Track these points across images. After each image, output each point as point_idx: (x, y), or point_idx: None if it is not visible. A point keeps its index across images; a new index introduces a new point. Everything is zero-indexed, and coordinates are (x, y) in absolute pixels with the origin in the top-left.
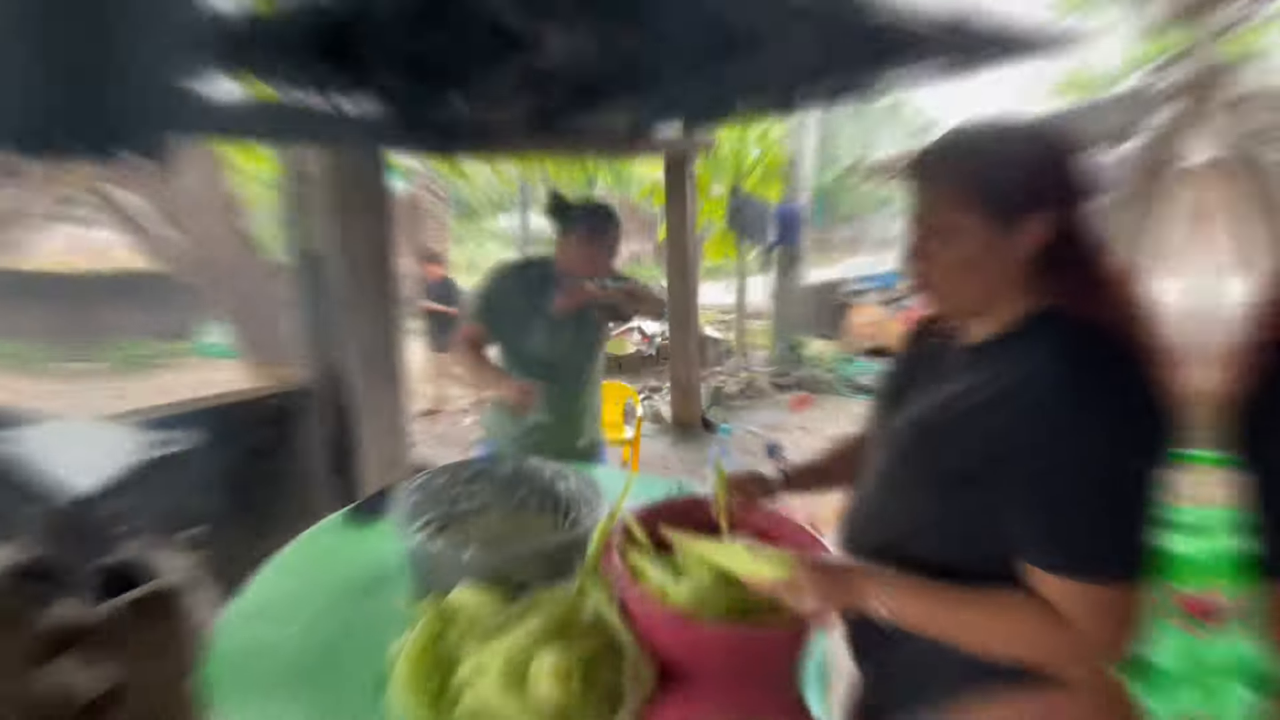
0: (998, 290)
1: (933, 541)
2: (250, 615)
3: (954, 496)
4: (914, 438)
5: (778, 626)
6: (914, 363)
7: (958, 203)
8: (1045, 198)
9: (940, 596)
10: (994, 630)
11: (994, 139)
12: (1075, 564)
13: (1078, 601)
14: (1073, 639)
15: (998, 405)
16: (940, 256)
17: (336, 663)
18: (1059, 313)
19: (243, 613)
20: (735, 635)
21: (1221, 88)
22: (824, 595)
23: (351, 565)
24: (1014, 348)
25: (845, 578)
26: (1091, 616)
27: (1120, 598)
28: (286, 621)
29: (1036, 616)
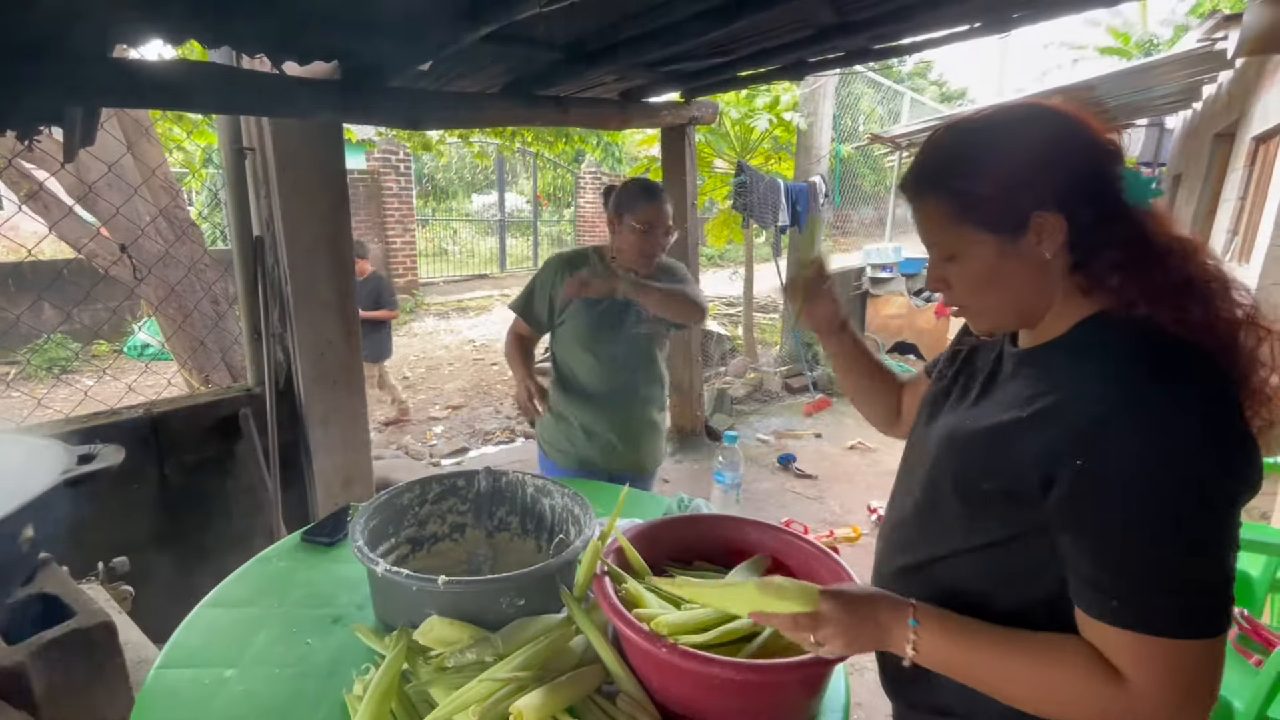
0: (1040, 299)
1: (971, 567)
2: (186, 655)
3: (998, 519)
4: (956, 450)
5: (792, 658)
6: (959, 364)
7: (953, 219)
8: (1046, 192)
9: (978, 638)
10: (1035, 682)
11: (975, 140)
12: (1139, 614)
13: (1140, 657)
14: (1129, 700)
15: (1049, 422)
16: (960, 277)
17: (287, 709)
18: (1110, 317)
19: (178, 653)
20: (747, 670)
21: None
22: (850, 637)
23: (304, 596)
24: (1062, 357)
25: (872, 613)
26: (1156, 676)
27: (1192, 656)
28: (228, 662)
29: (1086, 668)
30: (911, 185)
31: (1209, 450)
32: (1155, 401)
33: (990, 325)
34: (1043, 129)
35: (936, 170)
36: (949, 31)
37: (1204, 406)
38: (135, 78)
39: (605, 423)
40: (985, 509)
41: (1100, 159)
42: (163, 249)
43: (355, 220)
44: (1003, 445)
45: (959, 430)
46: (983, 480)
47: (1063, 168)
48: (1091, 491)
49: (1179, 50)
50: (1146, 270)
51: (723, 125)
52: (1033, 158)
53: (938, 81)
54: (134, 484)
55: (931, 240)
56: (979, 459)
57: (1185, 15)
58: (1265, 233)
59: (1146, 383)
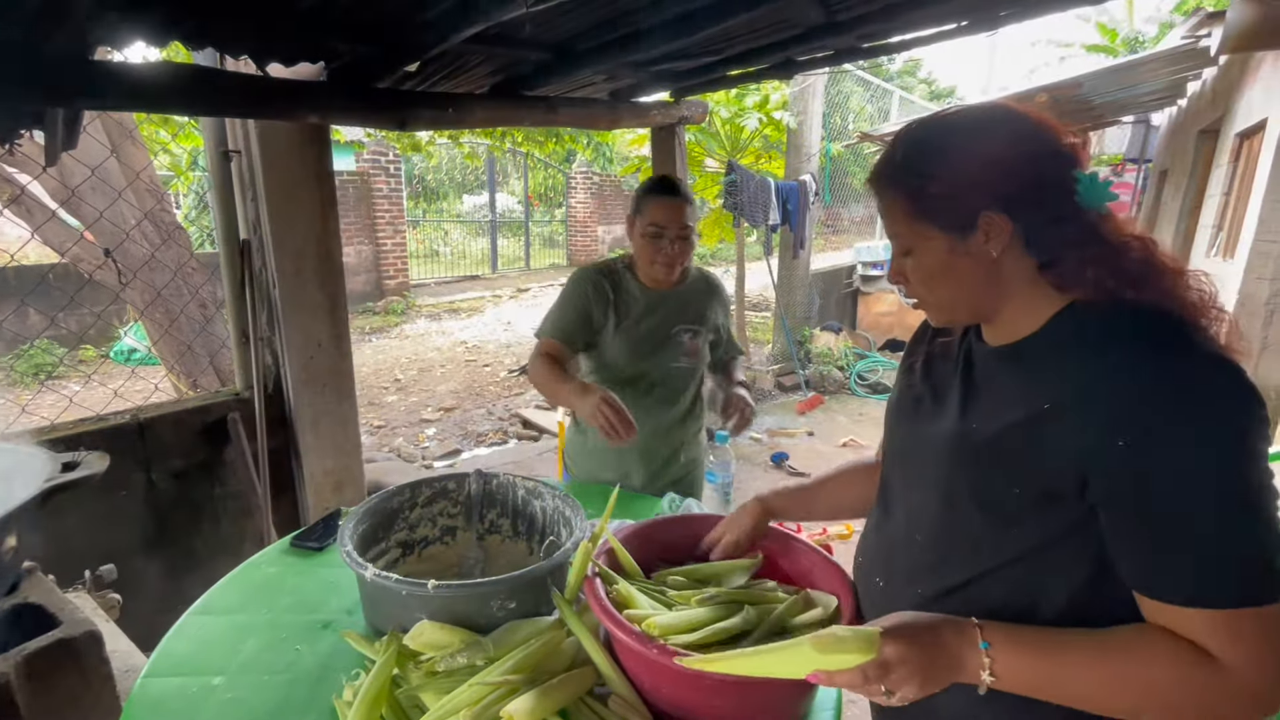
0: (992, 294)
1: (1007, 583)
2: (174, 664)
3: (1030, 526)
4: (970, 461)
5: None
6: (929, 367)
7: (907, 216)
8: (993, 194)
9: (1056, 648)
10: (1132, 683)
11: (934, 139)
12: (1220, 589)
13: (1232, 634)
14: (1230, 680)
15: (1076, 412)
16: (915, 271)
17: (275, 716)
18: (1087, 306)
19: (165, 661)
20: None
21: None
22: (925, 677)
23: (293, 602)
24: (1050, 349)
25: (938, 641)
26: (1252, 648)
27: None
28: (216, 670)
29: (1176, 656)
30: (874, 180)
31: (1241, 404)
32: (1181, 369)
33: (945, 318)
34: (997, 132)
35: (895, 167)
36: (936, 30)
37: (1221, 367)
38: (117, 80)
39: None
40: (1014, 518)
41: (1052, 163)
42: (148, 253)
43: (345, 222)
44: (1026, 446)
45: (967, 440)
46: (1011, 486)
47: (1011, 171)
48: (1144, 471)
49: (1164, 47)
50: (1116, 258)
51: (713, 124)
52: (983, 160)
53: (927, 80)
54: (121, 490)
55: (891, 232)
56: (999, 465)
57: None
58: (1249, 228)
59: (1163, 354)
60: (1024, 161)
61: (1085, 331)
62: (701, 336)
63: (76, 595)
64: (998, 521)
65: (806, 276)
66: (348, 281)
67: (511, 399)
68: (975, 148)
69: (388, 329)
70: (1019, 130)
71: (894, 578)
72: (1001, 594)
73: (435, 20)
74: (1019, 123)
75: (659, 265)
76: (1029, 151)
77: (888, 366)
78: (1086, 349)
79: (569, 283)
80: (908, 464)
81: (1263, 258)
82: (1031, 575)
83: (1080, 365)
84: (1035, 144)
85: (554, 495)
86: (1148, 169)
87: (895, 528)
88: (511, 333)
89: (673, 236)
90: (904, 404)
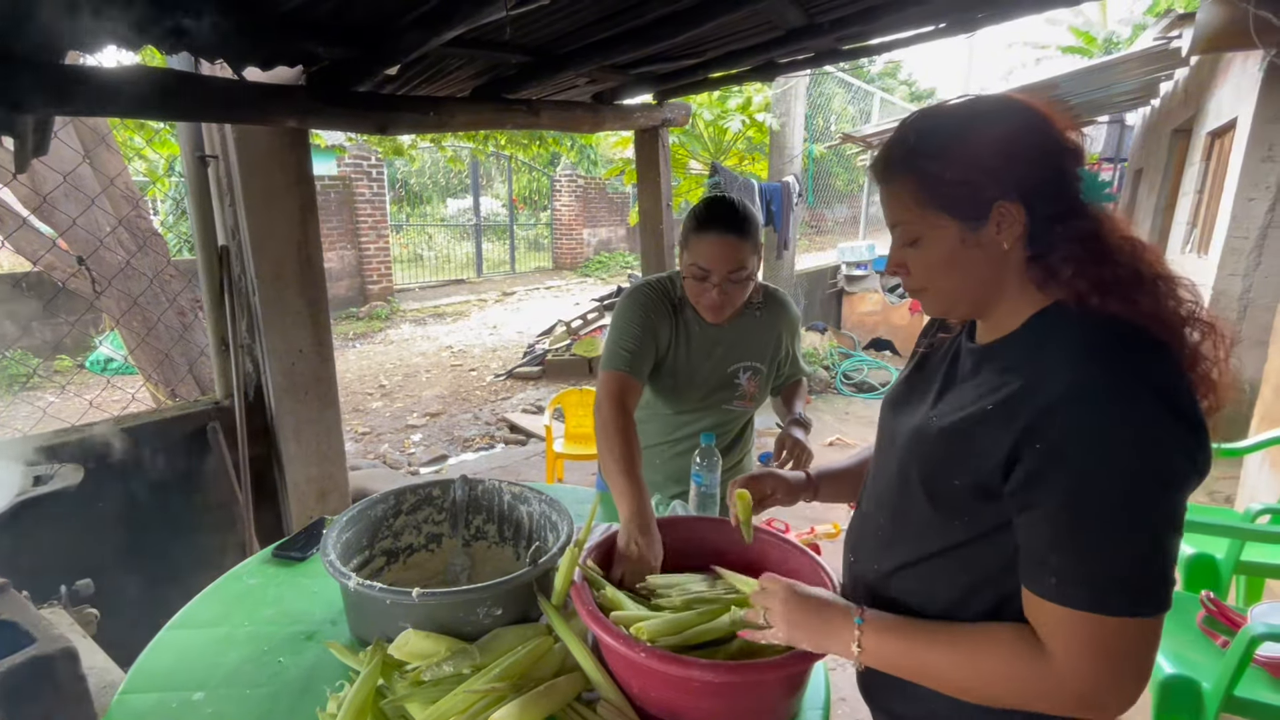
0: (993, 288)
1: (946, 570)
2: (152, 680)
3: (967, 518)
4: (923, 450)
5: (770, 657)
6: (924, 361)
7: (918, 203)
8: (1009, 182)
9: (918, 631)
10: (970, 668)
11: (947, 126)
12: (1074, 591)
13: (1069, 632)
14: (1054, 675)
15: (1012, 410)
16: (919, 261)
17: None
18: (1064, 309)
19: (143, 677)
20: (726, 671)
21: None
22: (792, 619)
23: (276, 613)
24: (1020, 348)
25: (818, 603)
26: (1079, 650)
27: (1121, 633)
28: (196, 685)
29: (1013, 648)
30: (881, 166)
31: (1161, 434)
32: (1111, 386)
33: (944, 310)
34: (1012, 122)
35: (906, 152)
36: (915, 32)
37: (1158, 392)
38: (89, 85)
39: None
40: (954, 508)
41: (1063, 156)
42: (124, 260)
43: (328, 227)
44: (970, 438)
45: (925, 430)
46: (953, 477)
47: (1028, 161)
48: (1047, 472)
49: (1137, 48)
50: (1098, 263)
51: (696, 127)
52: (1000, 148)
53: (907, 81)
54: (98, 503)
55: (896, 220)
56: (947, 455)
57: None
58: (1222, 225)
59: (1103, 367)
60: (1040, 152)
61: (1050, 335)
62: (762, 375)
63: (52, 611)
64: (941, 509)
65: (791, 277)
66: (330, 287)
67: (498, 403)
68: (993, 135)
69: (371, 334)
70: (1033, 121)
71: (861, 554)
72: (946, 575)
73: (415, 23)
74: (1032, 113)
75: (704, 308)
76: (1044, 143)
77: (873, 365)
78: (1042, 353)
79: (627, 302)
80: (884, 450)
81: (1235, 254)
82: (972, 561)
83: (1031, 368)
84: (1049, 136)
85: (540, 500)
86: (1123, 168)
87: (867, 509)
88: (497, 337)
89: (720, 279)
90: (894, 395)
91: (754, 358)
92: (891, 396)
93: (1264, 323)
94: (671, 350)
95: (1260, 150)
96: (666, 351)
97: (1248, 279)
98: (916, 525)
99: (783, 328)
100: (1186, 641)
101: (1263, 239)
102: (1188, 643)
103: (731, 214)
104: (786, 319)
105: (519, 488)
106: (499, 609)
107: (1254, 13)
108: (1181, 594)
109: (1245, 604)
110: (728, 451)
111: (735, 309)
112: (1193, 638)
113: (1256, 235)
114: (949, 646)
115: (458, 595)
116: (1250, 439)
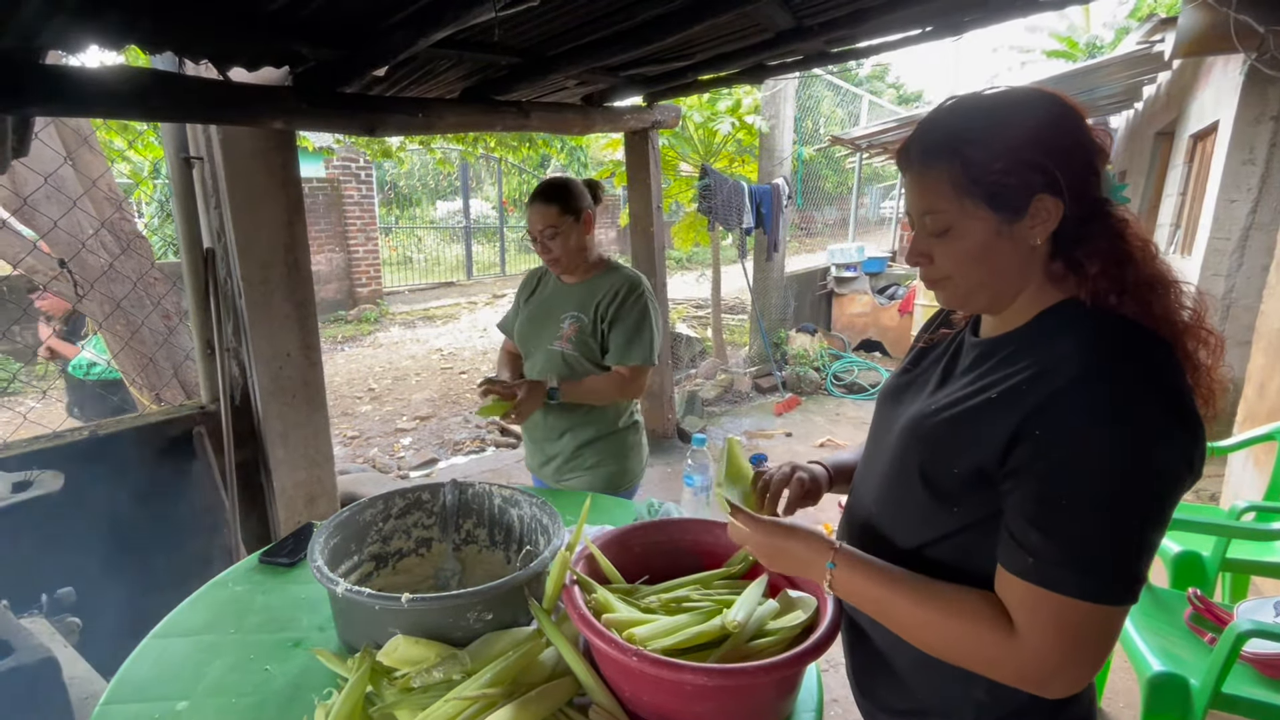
0: (1016, 282)
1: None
2: (134, 689)
3: (964, 506)
4: (922, 438)
5: (763, 660)
6: (921, 356)
7: (957, 190)
8: (1051, 176)
9: (892, 578)
10: (934, 625)
11: (987, 115)
12: (1048, 573)
13: (1034, 610)
14: (1013, 650)
15: (1017, 399)
16: (947, 251)
17: None
18: (1076, 305)
19: (125, 687)
20: (719, 675)
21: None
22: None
23: (262, 620)
24: (1027, 342)
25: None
26: (1041, 629)
27: (1084, 617)
28: (180, 694)
29: (979, 617)
30: (917, 152)
31: (1162, 434)
32: (1120, 381)
33: (960, 301)
34: (1051, 114)
35: (947, 137)
36: (902, 35)
37: (1164, 392)
38: (70, 85)
39: (537, 430)
40: (951, 495)
41: (1095, 153)
42: (107, 263)
43: (316, 229)
44: (972, 424)
45: (924, 418)
46: (951, 464)
47: (1068, 155)
48: (1045, 454)
49: (1120, 52)
50: (1120, 264)
51: (686, 129)
52: (1042, 140)
53: (895, 84)
54: (80, 510)
55: (927, 208)
56: (948, 442)
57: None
58: (1205, 226)
59: (1114, 363)
60: (1079, 148)
61: (1062, 330)
62: (582, 324)
63: (32, 620)
64: (938, 497)
65: (781, 279)
66: (319, 290)
67: None
68: (1035, 125)
69: (360, 337)
70: (1071, 115)
71: (854, 542)
72: (950, 561)
73: (403, 23)
74: (1068, 109)
75: (548, 265)
76: (1081, 139)
77: (863, 366)
78: (1054, 345)
79: None
80: (879, 441)
81: (1218, 254)
82: (971, 549)
83: (1042, 358)
84: (1084, 131)
85: (531, 503)
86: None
87: (860, 498)
88: (487, 339)
89: (539, 237)
90: (891, 387)
91: (580, 309)
92: (888, 389)
93: (1246, 323)
94: (529, 302)
95: (1241, 153)
96: (524, 304)
97: (1230, 279)
98: (911, 514)
99: (617, 289)
100: (1174, 639)
101: (1244, 240)
102: (1175, 640)
103: (546, 186)
104: (624, 285)
105: (509, 491)
106: (490, 614)
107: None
108: (1169, 591)
109: (1231, 601)
110: (570, 409)
111: (569, 265)
112: (1180, 635)
113: (1238, 236)
114: (922, 601)
115: (448, 600)
116: (1234, 438)
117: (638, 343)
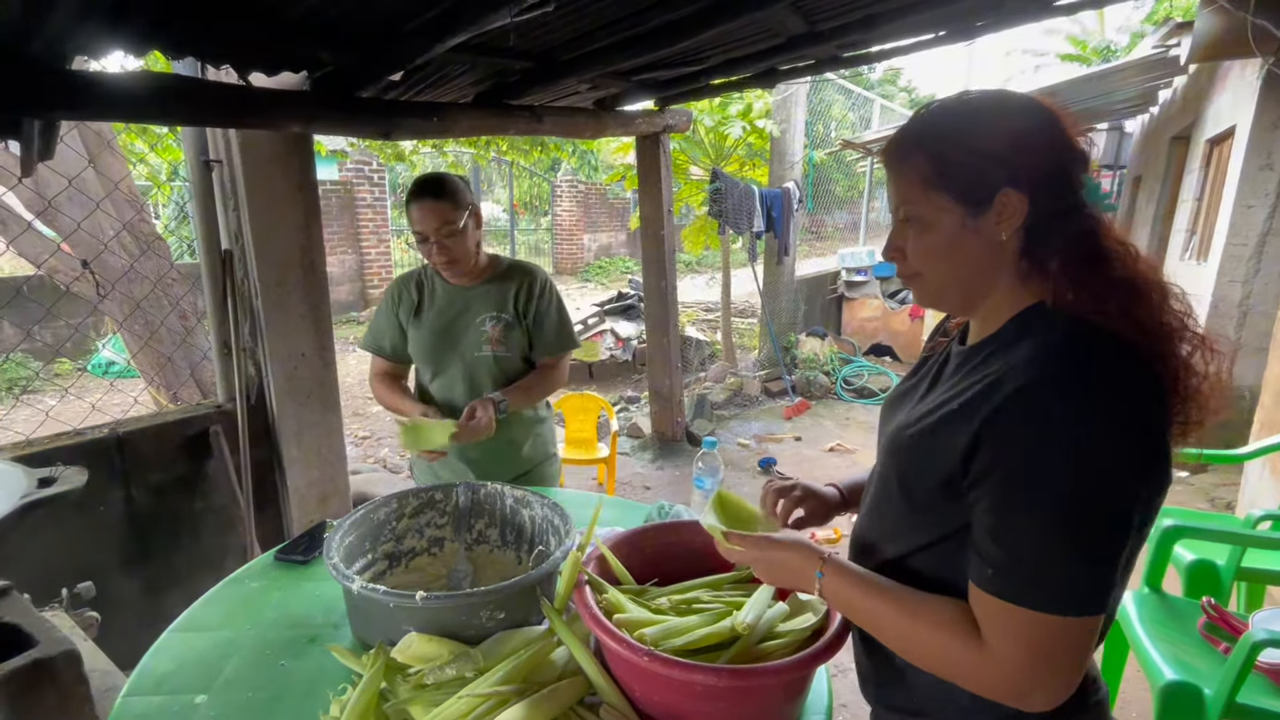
0: (985, 279)
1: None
2: (155, 682)
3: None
4: (901, 448)
5: (773, 661)
6: (921, 365)
7: (925, 183)
8: (1016, 172)
9: (873, 592)
10: (907, 632)
11: (963, 113)
12: (1008, 584)
13: (1001, 623)
14: (982, 662)
15: (978, 406)
16: (917, 244)
17: None
18: (1044, 310)
19: (145, 680)
20: (730, 676)
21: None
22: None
23: (278, 617)
24: (995, 348)
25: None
26: (1009, 643)
27: (1053, 630)
28: (199, 688)
29: (951, 627)
30: (893, 148)
31: (1110, 440)
32: (1067, 386)
33: (933, 298)
34: (1026, 115)
35: (918, 134)
36: (915, 40)
37: (1116, 401)
38: (95, 90)
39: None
40: (929, 506)
41: (1071, 157)
42: (127, 264)
43: (329, 231)
44: (937, 436)
45: (901, 430)
46: (924, 475)
47: (1036, 154)
48: (996, 465)
49: (1135, 56)
50: (1085, 264)
51: (697, 133)
52: (1011, 138)
53: (907, 88)
54: (100, 506)
55: (899, 202)
56: (919, 454)
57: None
58: (1221, 232)
59: (1062, 367)
60: (1049, 148)
61: (1025, 334)
62: (507, 323)
63: (53, 614)
64: (917, 508)
65: (791, 283)
66: (332, 291)
67: None
68: (1005, 125)
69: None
70: (1047, 118)
71: (854, 550)
72: (929, 571)
73: (420, 29)
74: (1045, 111)
75: (440, 269)
76: (1054, 140)
77: (873, 371)
78: (1013, 351)
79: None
80: (878, 452)
81: (1234, 261)
82: (951, 559)
83: (1001, 364)
84: (1060, 135)
85: (543, 504)
86: (1122, 175)
87: (863, 508)
88: None
89: (433, 238)
90: (891, 398)
91: (498, 310)
92: (890, 398)
93: (1263, 329)
94: (421, 315)
95: (1259, 158)
96: (414, 318)
97: (1247, 286)
98: (893, 524)
99: (528, 284)
100: (1188, 647)
101: (1261, 246)
102: (1189, 649)
103: (431, 182)
104: (532, 278)
105: (521, 492)
106: (502, 613)
107: (1252, 21)
108: (1183, 600)
109: (1246, 610)
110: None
111: (468, 266)
112: (1194, 644)
113: (1255, 242)
114: (900, 610)
115: (461, 599)
116: (1250, 445)
117: (565, 332)
